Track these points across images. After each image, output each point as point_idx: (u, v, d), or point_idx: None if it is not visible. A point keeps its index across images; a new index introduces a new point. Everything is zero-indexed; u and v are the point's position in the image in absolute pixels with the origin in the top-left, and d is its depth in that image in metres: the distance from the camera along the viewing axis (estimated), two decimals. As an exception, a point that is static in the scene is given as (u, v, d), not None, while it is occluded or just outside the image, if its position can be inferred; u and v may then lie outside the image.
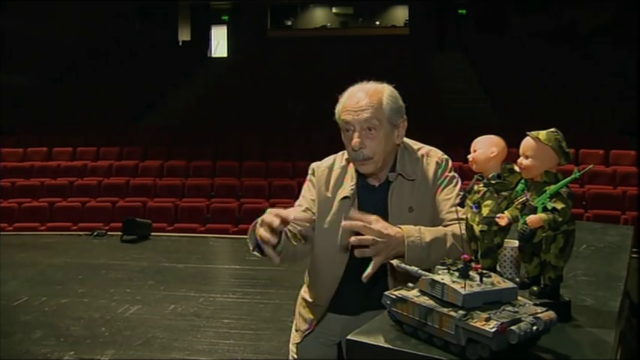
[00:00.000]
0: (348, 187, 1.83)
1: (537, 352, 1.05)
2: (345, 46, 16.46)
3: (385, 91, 1.78)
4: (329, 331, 1.90)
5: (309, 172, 1.95)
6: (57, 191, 9.36)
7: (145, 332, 4.55)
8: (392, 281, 1.71)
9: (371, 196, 1.82)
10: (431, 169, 1.82)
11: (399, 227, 1.63)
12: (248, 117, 11.46)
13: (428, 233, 1.64)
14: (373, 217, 1.60)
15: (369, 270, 1.57)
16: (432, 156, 1.85)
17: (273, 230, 1.58)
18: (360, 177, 1.84)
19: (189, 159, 9.90)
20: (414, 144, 1.89)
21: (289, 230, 1.77)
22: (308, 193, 1.92)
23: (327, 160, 1.95)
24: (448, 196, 1.79)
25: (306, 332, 1.93)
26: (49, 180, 9.65)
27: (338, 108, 1.80)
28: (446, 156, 1.88)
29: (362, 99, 1.74)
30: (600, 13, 14.09)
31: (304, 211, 1.87)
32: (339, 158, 1.93)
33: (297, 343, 1.96)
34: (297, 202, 1.93)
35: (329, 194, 1.86)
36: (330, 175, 1.89)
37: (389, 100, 1.76)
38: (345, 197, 1.82)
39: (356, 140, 1.73)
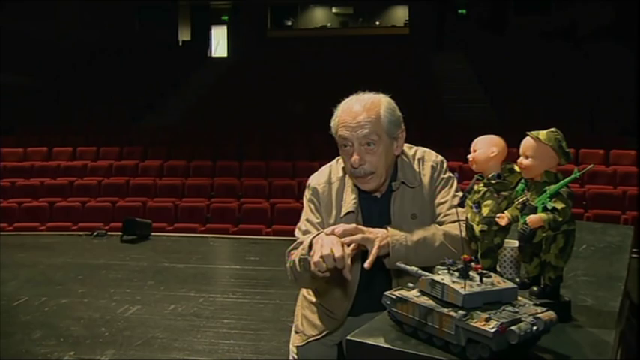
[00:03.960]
0: (350, 200, 1.79)
1: (537, 352, 1.06)
2: (345, 46, 16.47)
3: (382, 103, 1.73)
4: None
5: (309, 191, 1.88)
6: (57, 191, 9.36)
7: (145, 332, 4.55)
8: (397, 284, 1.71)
9: (373, 207, 1.80)
10: (427, 174, 1.81)
11: (386, 227, 1.65)
12: (248, 117, 11.46)
13: (416, 233, 1.64)
14: (352, 226, 1.61)
15: (369, 258, 1.57)
16: (427, 160, 1.83)
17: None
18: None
19: (189, 159, 9.90)
20: (409, 148, 1.86)
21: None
22: (313, 217, 1.85)
23: (324, 174, 1.88)
24: (444, 198, 1.79)
25: (314, 338, 1.90)
26: (49, 180, 9.65)
27: (334, 122, 1.76)
28: (440, 157, 1.86)
29: (359, 114, 1.69)
30: (600, 13, 14.09)
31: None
32: (335, 169, 1.88)
33: (298, 346, 1.94)
34: (303, 227, 1.85)
35: (334, 211, 1.81)
36: (330, 191, 1.84)
37: (387, 113, 1.72)
38: (350, 212, 1.78)
39: (355, 158, 1.69)
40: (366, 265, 1.55)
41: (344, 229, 1.59)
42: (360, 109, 1.70)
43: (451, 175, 1.82)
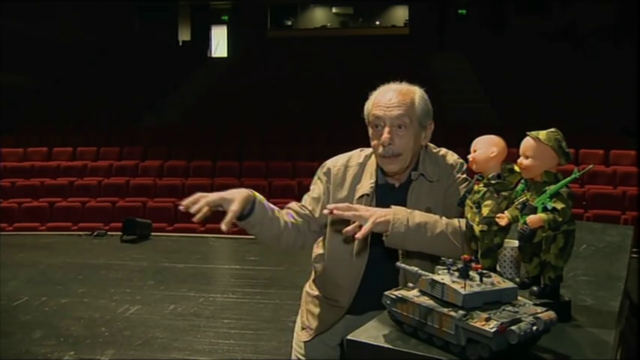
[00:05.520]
0: (367, 184, 1.82)
1: (537, 352, 1.05)
2: (345, 46, 16.46)
3: (417, 92, 1.80)
4: (334, 331, 1.90)
5: (322, 169, 1.92)
6: (57, 191, 9.36)
7: (145, 332, 4.55)
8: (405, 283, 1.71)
9: (389, 196, 1.81)
10: (446, 171, 1.84)
11: (390, 206, 1.66)
12: (248, 117, 11.46)
13: (419, 216, 1.65)
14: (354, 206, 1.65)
15: (362, 230, 1.56)
16: (449, 159, 1.87)
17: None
18: (380, 175, 1.83)
19: (189, 159, 9.90)
20: (433, 147, 1.91)
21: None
22: (314, 191, 1.91)
23: (343, 157, 1.92)
24: (456, 196, 1.80)
25: (320, 332, 1.90)
26: (49, 180, 9.65)
27: (368, 105, 1.80)
28: (461, 160, 1.89)
29: (394, 97, 1.75)
30: (600, 13, 14.09)
31: (300, 207, 1.88)
32: (356, 155, 1.91)
33: (305, 342, 1.94)
34: (304, 198, 1.93)
35: (345, 193, 1.84)
36: (345, 174, 1.87)
37: (420, 101, 1.78)
38: (364, 195, 1.80)
39: (386, 136, 1.72)
40: (358, 235, 1.55)
41: (335, 205, 1.62)
42: (396, 93, 1.76)
43: (468, 178, 1.84)
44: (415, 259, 1.64)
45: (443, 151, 1.90)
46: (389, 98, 1.75)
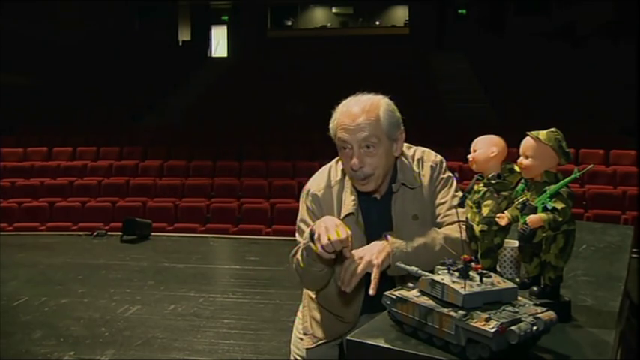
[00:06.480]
0: (349, 203, 1.75)
1: (537, 352, 1.06)
2: (345, 46, 16.46)
3: (382, 105, 1.69)
4: None
5: (308, 197, 1.82)
6: (57, 191, 9.36)
7: (145, 332, 4.55)
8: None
9: (373, 209, 1.77)
10: (427, 174, 1.79)
11: (385, 236, 1.64)
12: (248, 117, 11.46)
13: (416, 239, 1.63)
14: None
15: (372, 283, 1.54)
16: (426, 160, 1.81)
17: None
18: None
19: (189, 159, 9.90)
20: (408, 149, 1.84)
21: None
22: (309, 221, 1.78)
23: (323, 178, 1.83)
24: (444, 199, 1.77)
25: (325, 341, 1.87)
26: (49, 180, 9.65)
27: (332, 125, 1.72)
28: (439, 157, 1.84)
29: (358, 116, 1.65)
30: (600, 12, 14.10)
31: None
32: (334, 171, 1.84)
33: (308, 348, 1.91)
34: (303, 227, 1.79)
35: (334, 214, 1.76)
36: (331, 195, 1.79)
37: (386, 115, 1.68)
38: (350, 214, 1.74)
39: (355, 161, 1.66)
40: (371, 292, 1.52)
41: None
42: (359, 111, 1.66)
43: (450, 174, 1.81)
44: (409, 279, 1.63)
45: (419, 152, 1.83)
46: (352, 119, 1.65)
